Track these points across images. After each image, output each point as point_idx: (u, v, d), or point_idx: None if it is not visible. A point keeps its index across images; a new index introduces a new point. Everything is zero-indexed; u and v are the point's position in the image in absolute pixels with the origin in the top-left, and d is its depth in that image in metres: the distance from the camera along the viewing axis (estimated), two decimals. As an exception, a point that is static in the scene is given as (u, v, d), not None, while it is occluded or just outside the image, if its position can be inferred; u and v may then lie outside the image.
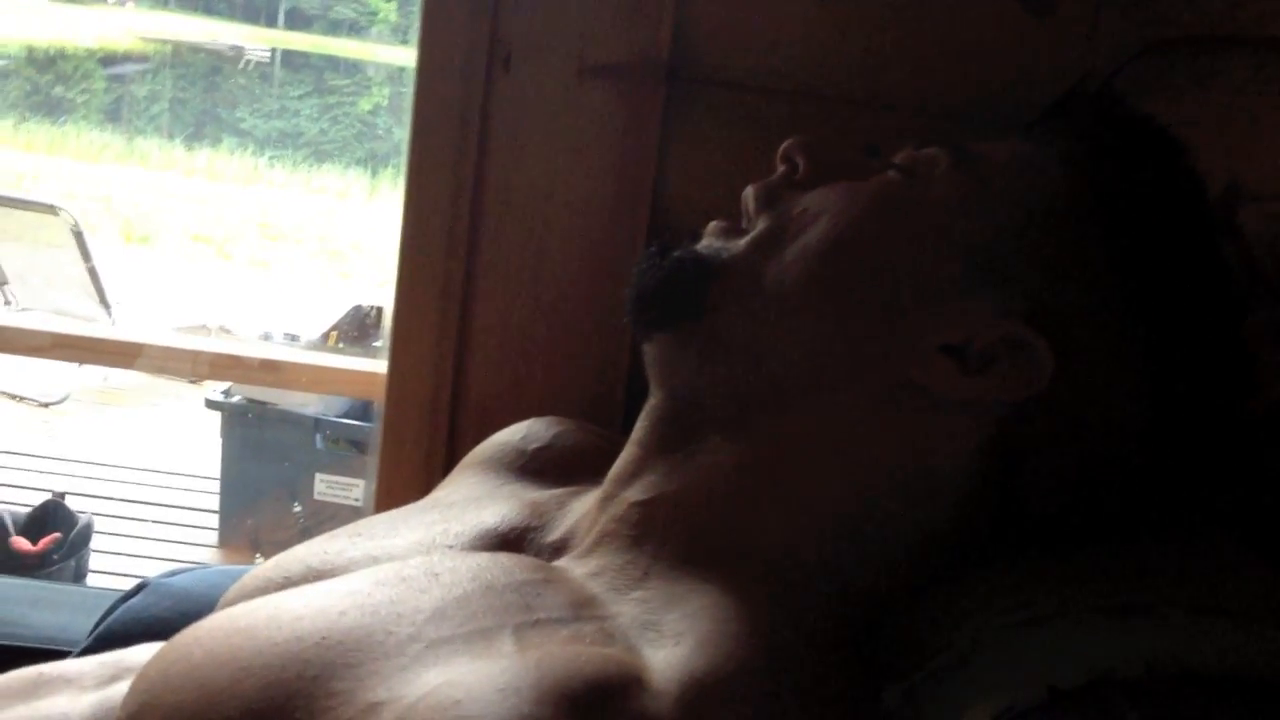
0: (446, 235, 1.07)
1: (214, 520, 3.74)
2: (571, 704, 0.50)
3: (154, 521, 3.81)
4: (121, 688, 0.65)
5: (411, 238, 1.08)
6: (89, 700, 0.66)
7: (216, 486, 3.71)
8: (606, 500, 0.66)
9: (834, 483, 0.61)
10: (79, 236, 5.00)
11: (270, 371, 1.43)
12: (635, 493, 0.65)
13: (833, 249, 0.64)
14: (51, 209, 4.96)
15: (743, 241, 0.67)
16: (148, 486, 4.09)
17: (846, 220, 0.65)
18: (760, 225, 0.67)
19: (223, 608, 0.67)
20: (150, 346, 1.33)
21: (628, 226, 1.01)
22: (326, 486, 3.42)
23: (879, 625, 0.61)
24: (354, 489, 3.33)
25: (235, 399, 3.62)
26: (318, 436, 3.48)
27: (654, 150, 1.00)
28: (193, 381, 5.43)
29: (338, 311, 4.49)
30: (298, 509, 3.32)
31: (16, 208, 4.86)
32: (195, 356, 1.41)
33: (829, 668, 0.57)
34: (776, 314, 0.64)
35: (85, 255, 5.00)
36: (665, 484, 0.64)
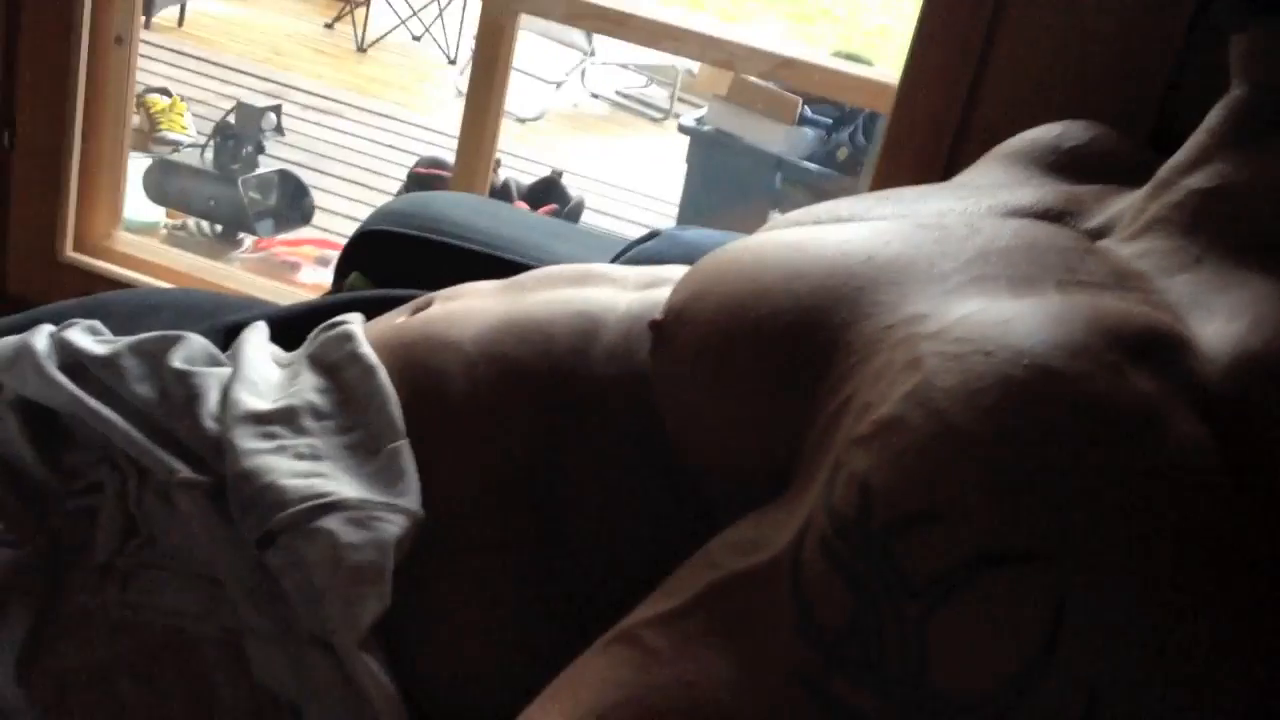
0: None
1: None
2: (1123, 344, 0.49)
3: (618, 233, 4.07)
4: (659, 291, 0.71)
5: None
6: (632, 295, 0.72)
7: (675, 209, 3.88)
8: (1161, 187, 0.64)
9: None
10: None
11: (785, 68, 1.45)
12: (1199, 180, 0.62)
13: None
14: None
15: None
16: (613, 202, 4.35)
17: None
18: None
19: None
20: (671, 27, 1.38)
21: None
22: (779, 225, 3.50)
23: None
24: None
25: (706, 128, 3.73)
26: (778, 175, 3.54)
27: None
28: (656, 119, 5.66)
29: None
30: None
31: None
32: (712, 43, 1.43)
33: None
34: None
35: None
36: (1235, 174, 0.61)
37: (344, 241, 1.12)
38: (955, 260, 0.58)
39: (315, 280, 2.76)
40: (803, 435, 0.55)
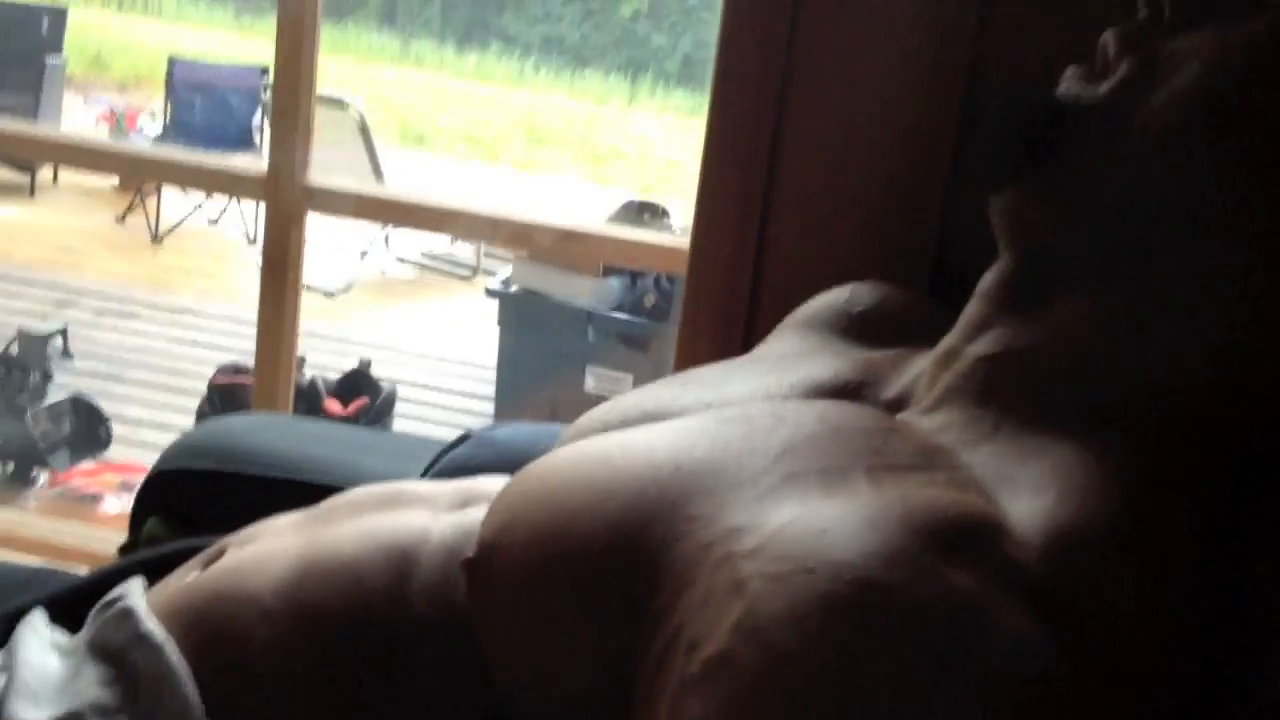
0: (753, 111, 1.06)
1: (489, 405, 3.91)
2: (939, 541, 0.49)
3: (434, 405, 4.01)
4: (474, 512, 0.68)
5: (719, 114, 1.07)
6: (445, 521, 0.68)
7: (493, 373, 3.86)
8: (949, 356, 0.65)
9: (1203, 336, 0.58)
10: (364, 131, 5.25)
11: (573, 241, 1.46)
12: (982, 347, 0.63)
13: (1208, 94, 0.60)
14: (340, 103, 5.23)
15: (1105, 85, 0.63)
16: (428, 372, 4.30)
17: (1222, 64, 0.60)
18: (1124, 68, 0.63)
19: (560, 447, 0.69)
20: (459, 213, 1.38)
21: (944, 92, 0.98)
22: (596, 380, 3.51)
23: (1254, 491, 0.58)
24: (624, 383, 3.40)
25: (513, 289, 3.74)
26: (590, 329, 3.56)
27: (973, 7, 0.96)
28: (464, 277, 5.68)
29: (606, 210, 4.58)
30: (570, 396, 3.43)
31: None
32: (498, 224, 1.44)
33: (1196, 529, 0.55)
34: (1146, 161, 0.60)
35: (370, 148, 5.26)
36: (1015, 339, 0.62)
37: (148, 463, 1.06)
38: (765, 458, 0.57)
39: (120, 509, 2.63)
40: (636, 669, 0.52)
